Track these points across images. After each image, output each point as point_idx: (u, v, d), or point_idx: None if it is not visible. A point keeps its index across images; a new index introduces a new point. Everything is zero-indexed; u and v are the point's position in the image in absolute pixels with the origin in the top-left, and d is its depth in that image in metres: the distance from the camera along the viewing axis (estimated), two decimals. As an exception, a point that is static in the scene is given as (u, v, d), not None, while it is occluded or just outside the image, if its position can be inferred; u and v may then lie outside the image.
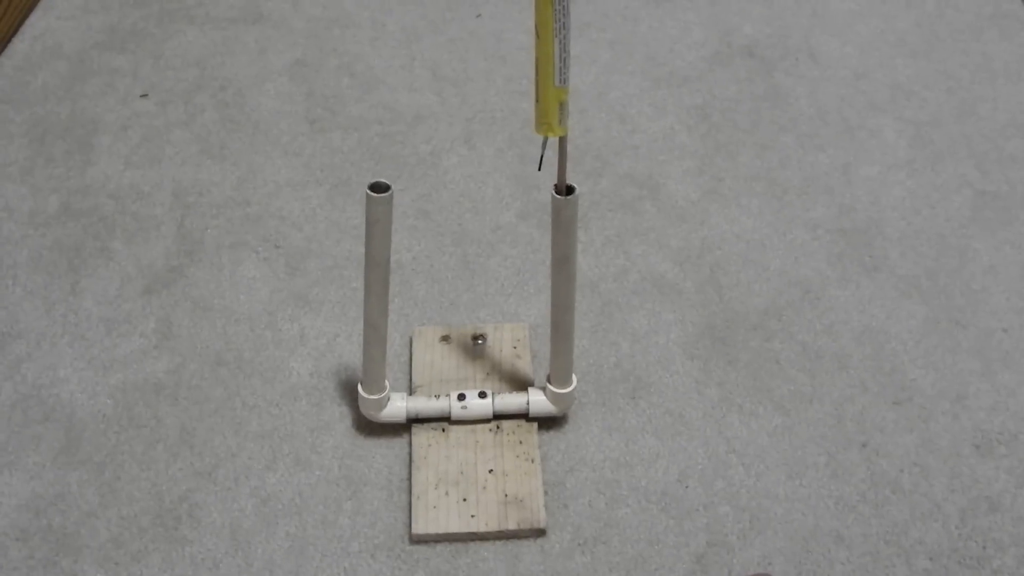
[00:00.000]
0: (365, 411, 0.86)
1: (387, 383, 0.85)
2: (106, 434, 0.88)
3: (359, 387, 0.84)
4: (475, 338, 0.93)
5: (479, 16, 1.26)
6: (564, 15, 0.63)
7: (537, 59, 0.66)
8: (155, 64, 1.20)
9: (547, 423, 0.88)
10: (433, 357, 0.92)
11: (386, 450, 0.87)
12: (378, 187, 0.71)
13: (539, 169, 0.71)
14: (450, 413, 0.86)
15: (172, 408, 0.90)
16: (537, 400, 0.86)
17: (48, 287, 0.98)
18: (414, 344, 0.93)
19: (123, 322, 0.95)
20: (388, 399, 0.85)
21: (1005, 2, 1.32)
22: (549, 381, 0.85)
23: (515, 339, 0.93)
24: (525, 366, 0.91)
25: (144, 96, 1.16)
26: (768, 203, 1.06)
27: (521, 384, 0.89)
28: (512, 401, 0.86)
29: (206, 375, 0.92)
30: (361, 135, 1.12)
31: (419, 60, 1.21)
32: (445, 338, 0.93)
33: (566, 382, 0.85)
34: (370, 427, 0.87)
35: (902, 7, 1.29)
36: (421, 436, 0.86)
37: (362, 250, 0.74)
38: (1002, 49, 1.25)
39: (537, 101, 0.68)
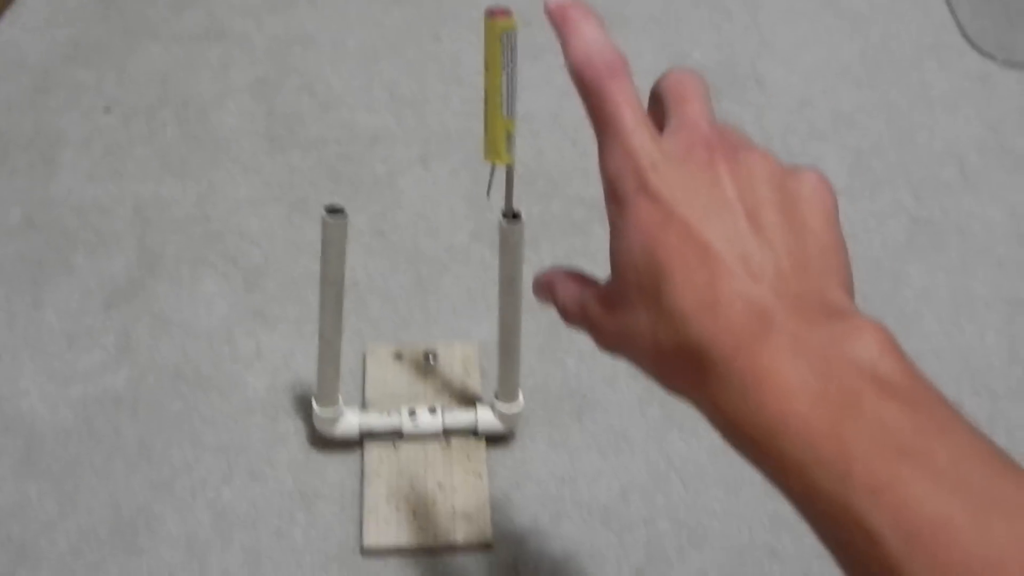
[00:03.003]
0: (319, 426, 0.89)
1: (340, 399, 0.88)
2: (66, 446, 0.90)
3: (313, 402, 0.87)
4: (427, 356, 0.96)
5: (438, 39, 1.29)
6: (512, 51, 0.67)
7: (486, 91, 0.69)
8: (119, 79, 1.22)
9: (495, 440, 0.91)
10: (386, 374, 0.95)
11: (339, 464, 0.90)
12: (333, 209, 0.74)
13: (487, 195, 0.74)
14: (401, 428, 0.89)
15: (131, 421, 0.92)
16: (485, 417, 0.90)
17: (10, 300, 1.00)
18: (367, 361, 0.96)
19: (84, 335, 0.98)
20: (341, 414, 0.88)
21: (945, 33, 1.37)
22: (497, 398, 0.89)
23: (465, 357, 0.96)
24: (475, 384, 0.95)
25: (107, 111, 1.18)
26: (712, 227, 1.10)
27: (470, 401, 0.93)
28: (461, 417, 0.90)
29: (165, 389, 0.94)
30: (320, 154, 1.15)
31: (377, 80, 1.24)
32: (398, 355, 0.96)
33: (513, 400, 0.88)
34: (324, 442, 0.90)
35: (847, 36, 1.34)
36: (373, 451, 0.89)
37: (318, 268, 0.77)
38: (940, 79, 1.30)
39: (486, 130, 0.71)
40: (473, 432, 0.90)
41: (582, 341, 1.00)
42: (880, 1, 1.39)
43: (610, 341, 0.45)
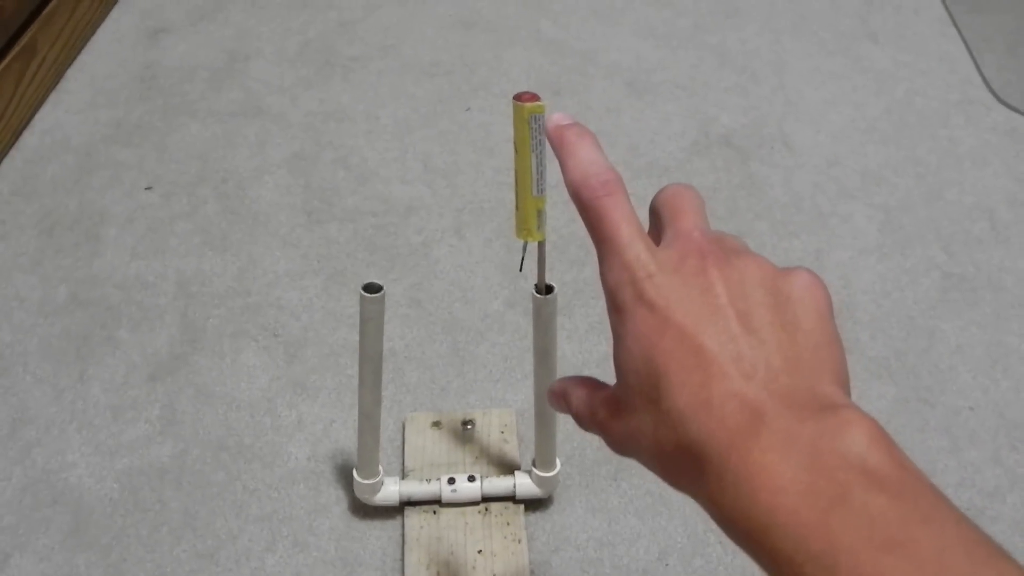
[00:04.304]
0: (360, 495, 0.90)
1: (381, 468, 0.89)
2: (112, 517, 0.92)
3: (354, 472, 0.89)
4: (464, 423, 0.97)
5: (468, 109, 1.32)
6: (540, 132, 0.69)
7: (516, 171, 0.71)
8: (159, 157, 1.25)
9: (533, 504, 0.92)
10: (424, 442, 0.96)
11: (380, 532, 0.91)
12: (371, 288, 0.76)
13: (520, 270, 0.76)
14: (440, 496, 0.90)
15: (176, 492, 0.94)
16: (523, 483, 0.91)
17: (57, 374, 1.03)
18: (406, 429, 0.97)
19: (129, 408, 1.00)
20: (382, 483, 0.89)
21: (971, 88, 1.38)
22: (534, 465, 0.90)
23: (503, 424, 0.98)
24: (512, 450, 0.96)
25: (149, 188, 1.21)
26: (744, 288, 1.11)
27: (508, 467, 0.94)
28: (499, 484, 0.91)
29: (208, 460, 0.96)
30: (356, 226, 1.17)
31: (411, 152, 1.27)
32: (436, 423, 0.98)
33: (550, 466, 0.89)
34: (365, 509, 0.92)
35: (872, 94, 1.36)
36: (413, 519, 0.90)
37: (357, 338, 0.79)
38: (968, 134, 1.31)
39: (517, 209, 0.73)
40: (512, 498, 0.91)
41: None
42: (904, 58, 1.41)
43: (618, 443, 0.47)
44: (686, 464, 0.41)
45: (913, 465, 0.39)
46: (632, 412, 0.44)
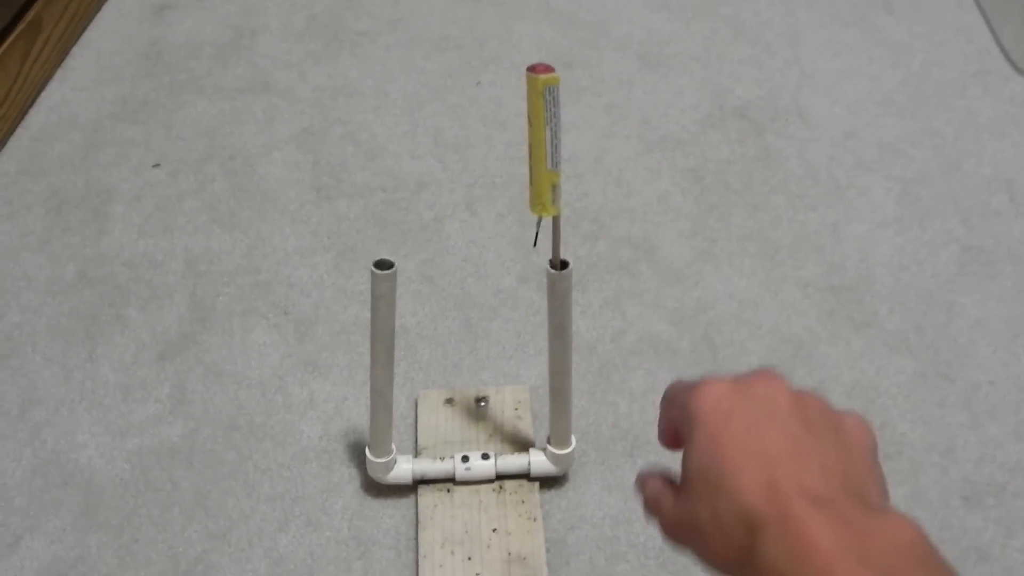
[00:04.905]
0: (373, 474, 0.89)
1: (393, 446, 0.88)
2: (124, 498, 0.91)
3: (367, 451, 0.88)
4: (478, 400, 0.96)
5: (479, 84, 1.30)
6: (554, 105, 0.67)
7: (530, 145, 0.70)
8: (167, 134, 1.24)
9: (548, 482, 0.91)
10: (438, 419, 0.95)
11: (393, 511, 0.90)
12: (382, 264, 0.75)
13: (534, 245, 0.74)
14: (454, 474, 0.89)
15: (187, 472, 0.93)
16: (538, 460, 0.89)
17: (66, 354, 1.02)
18: (419, 407, 0.96)
19: (138, 388, 0.99)
20: (395, 462, 0.88)
21: (989, 59, 1.36)
22: (549, 442, 0.89)
23: (516, 401, 0.96)
24: (526, 427, 0.94)
25: (156, 166, 1.20)
26: (760, 263, 1.10)
27: (523, 444, 0.93)
28: (514, 462, 0.90)
29: (219, 439, 0.95)
30: (366, 202, 1.16)
31: (421, 127, 1.25)
32: (449, 401, 0.96)
33: (565, 443, 0.88)
34: (378, 488, 0.91)
35: (888, 66, 1.33)
36: (427, 497, 0.89)
37: (368, 315, 0.78)
38: (986, 104, 1.29)
39: (531, 183, 0.72)
40: (526, 476, 0.90)
41: (633, 382, 1.00)
42: (921, 29, 1.39)
43: (674, 525, 0.51)
44: (739, 534, 0.45)
45: (949, 562, 0.42)
46: (695, 497, 0.48)
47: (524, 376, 1.00)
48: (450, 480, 0.90)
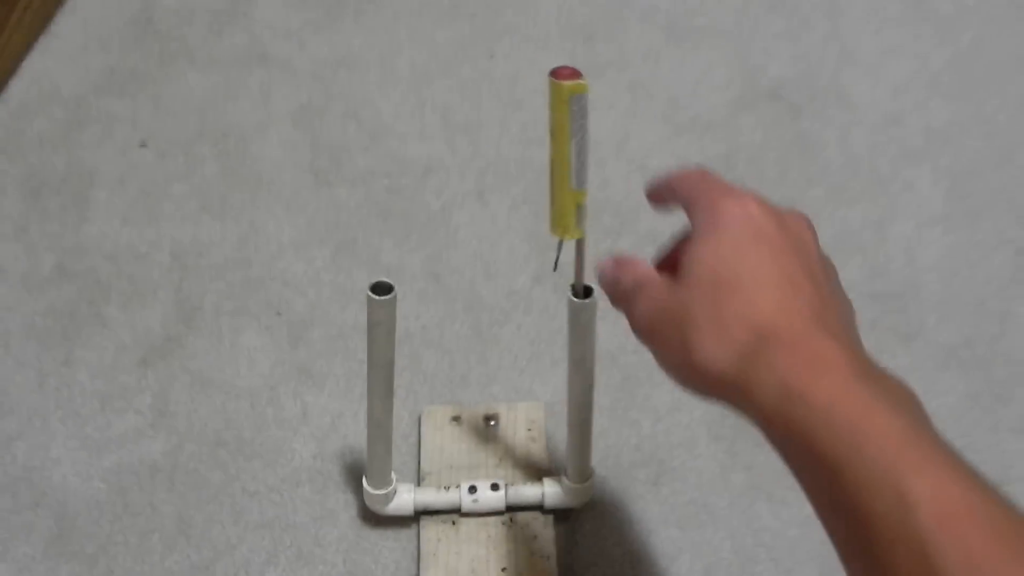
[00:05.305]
0: (371, 505, 0.81)
1: (393, 475, 0.80)
2: (99, 522, 0.83)
3: (364, 480, 0.79)
4: (487, 419, 0.88)
5: (492, 57, 1.21)
6: (582, 116, 0.58)
7: (551, 160, 0.61)
8: (154, 110, 1.15)
9: (564, 513, 0.83)
10: (443, 440, 0.87)
11: (393, 543, 0.82)
12: (380, 288, 0.66)
13: (554, 270, 0.66)
14: (460, 506, 0.81)
15: (168, 494, 0.85)
16: (553, 492, 0.81)
17: (41, 357, 0.94)
18: (423, 426, 0.88)
19: (118, 397, 0.91)
20: (395, 492, 0.80)
21: (1044, 35, 1.25)
22: (566, 475, 0.80)
23: (530, 420, 0.88)
24: (539, 450, 0.86)
25: (143, 146, 1.11)
26: (797, 264, 1.01)
27: (536, 470, 0.84)
28: (526, 492, 0.82)
29: (204, 457, 0.87)
30: (368, 189, 1.07)
31: (429, 105, 1.16)
32: (455, 419, 0.88)
33: (583, 477, 0.80)
34: (376, 517, 0.83)
35: (935, 44, 1.23)
36: (430, 530, 0.81)
37: (367, 319, 0.69)
38: (1041, 87, 1.19)
39: (552, 203, 0.63)
40: (540, 507, 0.82)
41: (657, 399, 0.91)
42: (971, 2, 1.28)
43: (659, 316, 0.52)
44: (744, 337, 0.47)
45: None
46: (697, 291, 0.49)
47: (538, 391, 0.91)
48: (456, 511, 0.82)
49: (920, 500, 0.39)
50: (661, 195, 0.58)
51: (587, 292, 0.66)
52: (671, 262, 0.56)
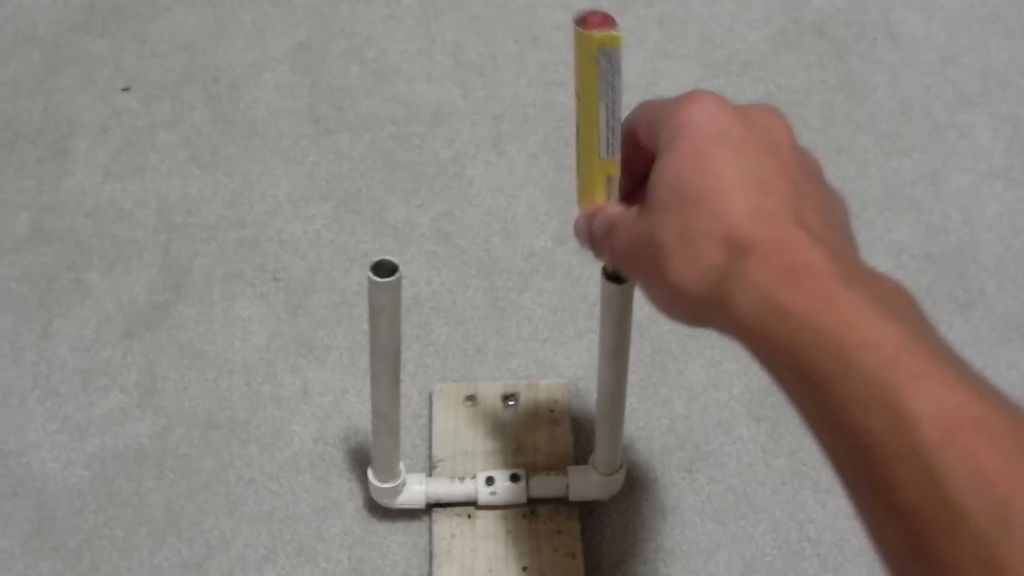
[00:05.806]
0: (378, 499, 0.73)
1: (402, 466, 0.72)
2: (82, 514, 0.76)
3: (369, 472, 0.72)
4: (505, 398, 0.80)
5: (508, -11, 1.10)
6: (613, 75, 0.49)
7: (577, 124, 0.52)
8: (139, 50, 1.05)
9: (590, 505, 0.75)
10: (456, 423, 0.79)
11: (403, 537, 0.75)
12: (383, 267, 0.58)
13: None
14: (477, 499, 0.73)
15: (157, 482, 0.78)
16: (578, 482, 0.74)
17: (17, 329, 0.86)
18: (434, 406, 0.80)
19: (101, 373, 0.83)
20: (404, 484, 0.73)
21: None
22: (594, 464, 0.73)
23: (552, 400, 0.80)
24: (563, 433, 0.78)
25: (126, 90, 1.02)
26: (844, 222, 0.92)
27: (559, 456, 0.77)
28: (549, 483, 0.74)
29: (195, 441, 0.80)
30: (372, 137, 0.98)
31: (439, 42, 1.06)
32: (470, 398, 0.80)
33: (613, 468, 0.72)
34: (384, 509, 0.75)
35: (993, -27, 1.12)
36: (443, 524, 0.74)
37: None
38: (1108, 21, 1.09)
39: (579, 174, 0.54)
40: (564, 499, 0.74)
41: (692, 374, 0.83)
42: (1030, -74, 1.17)
43: (630, 247, 0.48)
44: (714, 255, 0.43)
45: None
46: (662, 211, 0.45)
47: (561, 366, 0.83)
48: (472, 503, 0.74)
49: (921, 414, 0.35)
50: (635, 149, 0.52)
51: (621, 277, 0.57)
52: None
